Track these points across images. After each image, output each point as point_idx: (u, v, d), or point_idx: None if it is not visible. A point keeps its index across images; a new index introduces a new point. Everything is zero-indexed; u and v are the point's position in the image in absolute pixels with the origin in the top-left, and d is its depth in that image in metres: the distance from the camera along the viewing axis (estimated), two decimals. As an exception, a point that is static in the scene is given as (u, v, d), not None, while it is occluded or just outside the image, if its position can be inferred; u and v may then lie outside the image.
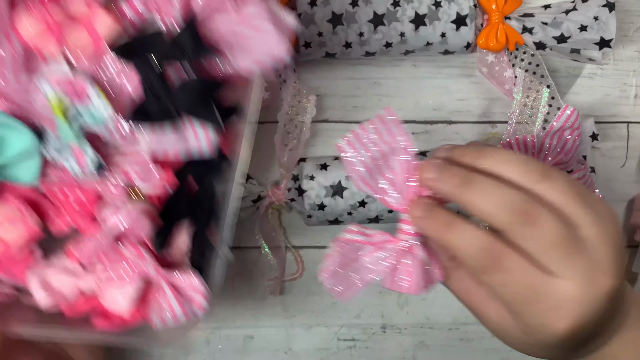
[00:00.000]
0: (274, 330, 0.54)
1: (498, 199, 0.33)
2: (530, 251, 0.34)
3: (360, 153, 0.37)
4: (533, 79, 0.51)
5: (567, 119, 0.49)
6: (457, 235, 0.34)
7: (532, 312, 0.34)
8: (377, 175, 0.38)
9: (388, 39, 0.50)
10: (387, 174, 0.37)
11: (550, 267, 0.33)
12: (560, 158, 0.50)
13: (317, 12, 0.49)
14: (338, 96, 0.54)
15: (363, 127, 0.37)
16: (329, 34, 0.49)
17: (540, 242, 0.33)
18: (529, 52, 0.52)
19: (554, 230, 0.33)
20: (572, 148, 0.49)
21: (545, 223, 0.33)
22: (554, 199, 0.34)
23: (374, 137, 0.37)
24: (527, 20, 0.51)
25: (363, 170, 0.37)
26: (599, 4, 0.51)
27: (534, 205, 0.33)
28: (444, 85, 0.54)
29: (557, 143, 0.50)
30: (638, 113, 0.56)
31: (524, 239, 0.33)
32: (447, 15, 0.50)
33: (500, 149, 0.35)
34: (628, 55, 0.55)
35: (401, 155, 0.37)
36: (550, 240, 0.33)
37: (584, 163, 0.52)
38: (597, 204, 0.35)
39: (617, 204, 0.56)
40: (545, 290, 0.33)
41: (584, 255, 0.33)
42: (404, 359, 0.55)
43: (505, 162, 0.34)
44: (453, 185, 0.35)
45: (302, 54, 0.51)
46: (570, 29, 0.51)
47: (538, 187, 0.34)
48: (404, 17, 0.49)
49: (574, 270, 0.33)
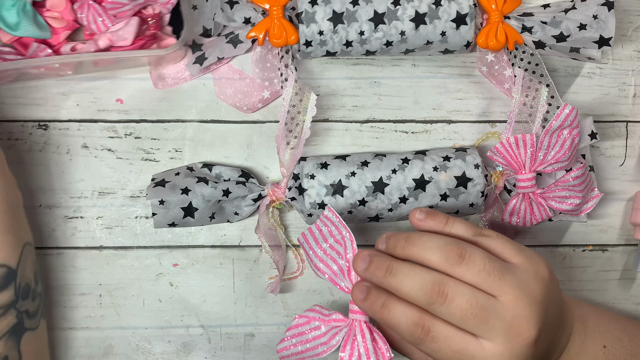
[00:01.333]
0: (275, 328, 0.54)
1: (415, 284, 0.40)
2: (452, 322, 0.39)
3: (314, 245, 0.45)
4: (532, 78, 0.51)
5: (566, 118, 0.49)
6: (391, 314, 0.41)
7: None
8: (330, 263, 0.45)
9: (388, 37, 0.50)
10: (338, 260, 0.44)
11: (473, 332, 0.39)
12: (559, 157, 0.50)
13: (317, 10, 0.49)
14: (338, 96, 0.54)
15: (317, 225, 0.46)
16: (329, 33, 0.50)
17: (456, 315, 0.39)
18: (529, 51, 0.52)
19: (467, 304, 0.39)
20: (571, 146, 0.50)
21: (458, 298, 0.39)
22: (469, 279, 0.40)
23: (326, 232, 0.45)
24: (526, 20, 0.52)
25: (317, 260, 0.45)
26: (598, 3, 0.51)
27: (447, 284, 0.39)
28: (444, 84, 0.54)
29: (556, 141, 0.50)
30: (637, 112, 0.56)
31: (442, 314, 0.39)
32: (447, 14, 0.50)
33: (423, 237, 0.41)
34: (627, 54, 0.55)
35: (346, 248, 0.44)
36: (465, 312, 0.39)
37: (582, 162, 0.52)
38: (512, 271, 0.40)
39: (616, 203, 0.56)
40: (472, 351, 0.39)
41: (500, 317, 0.39)
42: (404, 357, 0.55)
43: (427, 250, 0.41)
44: (379, 276, 0.41)
45: (303, 53, 0.51)
46: (569, 28, 0.51)
47: (454, 271, 0.40)
48: (405, 16, 0.50)
49: (493, 332, 0.39)
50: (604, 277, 0.56)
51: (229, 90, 0.53)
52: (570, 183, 0.50)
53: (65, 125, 0.52)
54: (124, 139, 0.53)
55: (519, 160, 0.51)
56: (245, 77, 0.53)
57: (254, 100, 0.52)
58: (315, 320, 0.46)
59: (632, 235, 0.56)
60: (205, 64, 0.51)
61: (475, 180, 0.50)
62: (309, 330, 0.46)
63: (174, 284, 0.54)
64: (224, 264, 0.54)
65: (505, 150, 0.51)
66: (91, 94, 0.52)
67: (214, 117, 0.53)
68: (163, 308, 0.53)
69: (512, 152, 0.51)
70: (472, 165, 0.51)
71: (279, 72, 0.51)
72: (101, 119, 0.53)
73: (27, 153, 0.52)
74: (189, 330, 0.54)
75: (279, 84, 0.52)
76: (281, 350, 0.46)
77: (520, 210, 0.52)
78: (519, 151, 0.50)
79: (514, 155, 0.51)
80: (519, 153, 0.50)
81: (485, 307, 0.39)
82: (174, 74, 0.52)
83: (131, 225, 0.53)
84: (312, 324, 0.46)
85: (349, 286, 0.45)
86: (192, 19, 0.50)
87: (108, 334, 0.53)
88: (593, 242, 0.56)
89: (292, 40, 0.50)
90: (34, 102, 0.52)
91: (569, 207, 0.51)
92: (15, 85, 0.52)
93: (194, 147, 0.53)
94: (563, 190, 0.51)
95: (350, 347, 0.44)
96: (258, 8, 0.51)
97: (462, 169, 0.50)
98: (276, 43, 0.50)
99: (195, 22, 0.50)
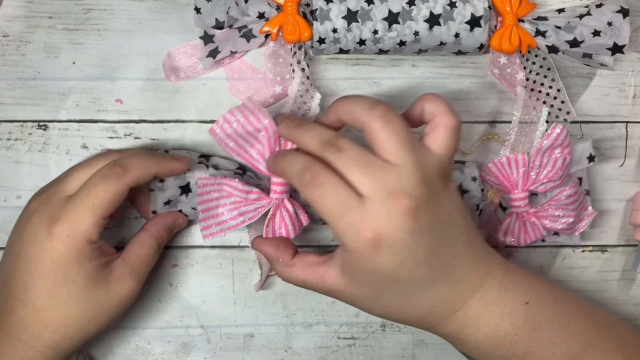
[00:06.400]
0: (274, 328, 0.54)
1: (314, 136, 0.43)
2: (340, 170, 0.41)
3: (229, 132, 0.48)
4: (531, 95, 0.51)
5: (557, 137, 0.50)
6: (286, 160, 0.44)
7: (344, 225, 0.41)
8: (249, 149, 0.48)
9: (402, 37, 0.50)
10: (257, 147, 0.47)
11: (356, 184, 0.41)
12: (551, 176, 0.51)
13: (332, 8, 0.49)
14: (338, 96, 0.54)
15: (232, 111, 0.48)
16: (343, 31, 0.50)
17: (344, 164, 0.41)
18: (541, 56, 0.52)
19: (356, 155, 0.41)
20: (562, 165, 0.50)
21: (349, 149, 0.41)
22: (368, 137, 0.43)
23: (242, 119, 0.47)
24: (540, 24, 0.51)
25: (232, 144, 0.48)
26: (613, 10, 0.51)
27: (342, 138, 0.42)
28: (443, 85, 0.54)
29: (547, 161, 0.51)
30: (637, 113, 0.56)
31: (333, 161, 0.42)
32: (461, 16, 0.50)
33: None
34: (627, 55, 0.55)
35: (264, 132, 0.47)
36: (352, 161, 0.41)
37: (575, 181, 0.52)
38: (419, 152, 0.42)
39: (615, 204, 0.56)
40: (352, 205, 0.40)
41: (385, 177, 0.40)
42: (403, 357, 0.55)
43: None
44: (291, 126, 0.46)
45: (316, 49, 0.51)
46: (583, 34, 0.51)
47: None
48: (419, 17, 0.49)
49: (375, 189, 0.40)
50: (603, 278, 0.56)
51: (241, 86, 0.53)
52: (563, 202, 0.51)
53: (65, 125, 0.52)
54: (123, 139, 0.53)
55: (511, 180, 0.51)
56: (258, 73, 0.53)
57: (265, 95, 0.52)
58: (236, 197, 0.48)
59: (632, 236, 0.56)
60: (218, 57, 0.51)
61: (472, 192, 0.51)
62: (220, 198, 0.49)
63: (174, 284, 0.54)
64: (223, 265, 0.54)
65: (498, 170, 0.51)
66: (91, 94, 0.52)
67: (213, 117, 0.53)
68: (162, 308, 0.53)
69: (505, 172, 0.51)
70: (470, 178, 0.51)
71: (290, 68, 0.52)
72: (101, 119, 0.53)
73: (27, 153, 0.52)
74: (189, 331, 0.54)
75: (290, 79, 0.52)
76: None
77: (514, 229, 0.52)
78: (511, 171, 0.51)
79: (506, 175, 0.51)
80: (511, 172, 0.51)
81: (372, 162, 0.41)
82: (186, 67, 0.52)
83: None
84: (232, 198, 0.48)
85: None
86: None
87: (107, 334, 0.53)
88: (593, 242, 0.56)
89: (306, 36, 0.50)
90: (33, 102, 0.52)
91: (562, 225, 0.52)
92: (15, 85, 0.52)
93: (194, 147, 0.53)
94: (556, 209, 0.51)
95: (272, 222, 0.49)
96: (272, 3, 0.51)
97: (459, 180, 0.51)
98: (289, 39, 0.50)
99: (209, 15, 0.50)
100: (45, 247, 0.44)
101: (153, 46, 0.53)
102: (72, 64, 0.52)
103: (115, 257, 0.47)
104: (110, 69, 0.53)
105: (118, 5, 0.53)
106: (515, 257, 0.55)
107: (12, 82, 0.52)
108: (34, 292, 0.44)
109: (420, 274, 0.42)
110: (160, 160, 0.47)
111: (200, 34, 0.51)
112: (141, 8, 0.53)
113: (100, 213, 0.44)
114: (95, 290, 0.45)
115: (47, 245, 0.44)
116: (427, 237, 0.42)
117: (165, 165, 0.47)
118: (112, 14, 0.53)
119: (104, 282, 0.45)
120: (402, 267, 0.42)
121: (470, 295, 0.44)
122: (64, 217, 0.44)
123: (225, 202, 0.48)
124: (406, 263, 0.42)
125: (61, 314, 0.44)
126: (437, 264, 0.43)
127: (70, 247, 0.44)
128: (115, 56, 0.53)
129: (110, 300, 0.46)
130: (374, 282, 0.43)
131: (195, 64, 0.52)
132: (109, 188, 0.44)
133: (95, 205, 0.44)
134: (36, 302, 0.44)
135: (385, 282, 0.43)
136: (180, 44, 0.53)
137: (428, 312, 0.44)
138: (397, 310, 0.45)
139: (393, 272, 0.42)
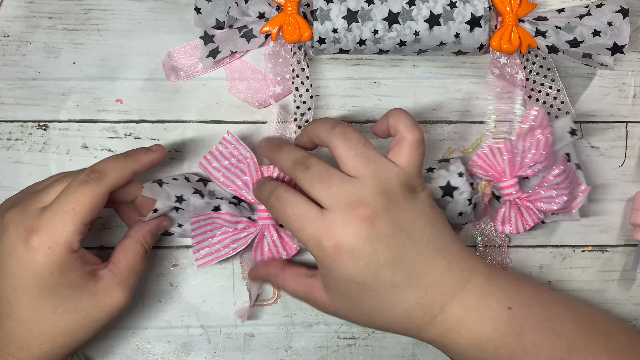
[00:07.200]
0: (275, 328, 0.54)
1: (288, 157, 0.46)
2: (305, 187, 0.44)
3: (217, 165, 0.50)
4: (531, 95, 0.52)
5: (535, 119, 0.50)
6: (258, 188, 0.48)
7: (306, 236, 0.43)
8: (236, 180, 0.50)
9: (402, 37, 0.50)
10: (243, 178, 0.50)
11: (319, 198, 0.43)
12: (537, 158, 0.50)
13: (332, 8, 0.49)
14: (338, 96, 0.54)
15: (217, 148, 0.50)
16: (343, 31, 0.50)
17: (309, 180, 0.44)
18: (541, 56, 0.52)
19: (319, 171, 0.44)
20: (545, 146, 0.50)
21: (314, 166, 0.44)
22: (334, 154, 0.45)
23: (227, 153, 0.50)
24: (540, 24, 0.51)
25: (221, 176, 0.50)
26: (613, 10, 0.51)
27: (310, 157, 0.45)
28: (443, 85, 0.55)
29: (530, 144, 0.51)
30: (637, 113, 0.56)
31: (300, 179, 0.44)
32: (461, 16, 0.50)
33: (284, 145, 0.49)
34: (627, 55, 0.55)
35: (246, 164, 0.50)
36: (317, 177, 0.44)
37: (562, 159, 0.52)
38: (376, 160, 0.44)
39: (615, 204, 0.56)
40: (312, 217, 0.43)
41: (343, 188, 0.43)
42: (404, 357, 0.55)
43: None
44: (271, 149, 0.48)
45: (316, 50, 0.51)
46: (583, 34, 0.51)
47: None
48: (419, 17, 0.49)
49: (334, 201, 0.43)
50: (603, 278, 0.56)
51: (241, 85, 0.53)
52: (553, 182, 0.51)
53: (65, 125, 0.52)
54: (123, 139, 0.53)
55: (498, 169, 0.51)
56: (258, 73, 0.53)
57: (265, 95, 0.52)
58: (226, 227, 0.51)
59: (632, 236, 0.56)
60: (218, 57, 0.51)
61: (461, 188, 0.51)
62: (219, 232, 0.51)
63: (174, 284, 0.54)
64: (223, 264, 0.54)
65: (483, 161, 0.52)
66: (91, 94, 0.53)
67: (213, 117, 0.53)
68: (163, 308, 0.53)
69: (490, 162, 0.52)
70: (456, 174, 0.51)
71: (290, 68, 0.52)
72: (101, 119, 0.53)
73: (27, 153, 0.52)
74: (189, 331, 0.54)
75: (290, 79, 0.52)
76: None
77: (510, 217, 0.52)
78: (496, 160, 0.51)
79: (492, 165, 0.52)
80: (497, 162, 0.51)
81: (332, 176, 0.43)
82: (187, 67, 0.53)
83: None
84: (222, 229, 0.51)
85: (254, 197, 0.50)
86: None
87: (108, 334, 0.53)
88: (593, 242, 0.56)
89: (306, 36, 0.50)
90: (34, 102, 0.52)
91: (558, 205, 0.51)
92: (16, 85, 0.52)
93: (194, 148, 0.53)
94: (548, 190, 0.51)
95: (260, 246, 0.51)
96: (272, 3, 0.51)
97: (446, 179, 0.51)
98: (290, 39, 0.50)
99: (209, 15, 0.50)
100: (26, 260, 0.43)
101: (153, 46, 0.53)
102: (72, 64, 0.52)
103: (100, 266, 0.46)
104: (110, 69, 0.53)
105: (118, 5, 0.53)
106: (515, 257, 0.55)
107: (13, 82, 0.52)
108: (19, 306, 0.44)
109: (386, 278, 0.43)
110: (134, 157, 0.47)
111: (201, 34, 0.51)
112: (141, 8, 0.53)
113: (81, 220, 0.43)
114: (82, 301, 0.44)
115: (27, 259, 0.43)
116: (388, 242, 0.43)
117: (141, 160, 0.47)
118: (112, 14, 0.53)
119: (91, 292, 0.45)
120: (366, 272, 0.43)
121: (447, 301, 0.44)
122: (43, 227, 0.43)
123: (217, 232, 0.51)
124: (369, 267, 0.43)
125: (49, 325, 0.44)
126: (403, 269, 0.43)
127: (52, 258, 0.43)
128: (115, 56, 0.53)
129: (99, 311, 0.45)
130: (348, 289, 0.44)
131: (196, 64, 0.53)
132: (88, 193, 0.44)
133: (76, 212, 0.43)
134: (22, 315, 0.44)
135: (357, 289, 0.44)
136: (181, 44, 0.53)
137: (406, 317, 0.45)
138: (378, 317, 0.45)
139: (360, 277, 0.43)
